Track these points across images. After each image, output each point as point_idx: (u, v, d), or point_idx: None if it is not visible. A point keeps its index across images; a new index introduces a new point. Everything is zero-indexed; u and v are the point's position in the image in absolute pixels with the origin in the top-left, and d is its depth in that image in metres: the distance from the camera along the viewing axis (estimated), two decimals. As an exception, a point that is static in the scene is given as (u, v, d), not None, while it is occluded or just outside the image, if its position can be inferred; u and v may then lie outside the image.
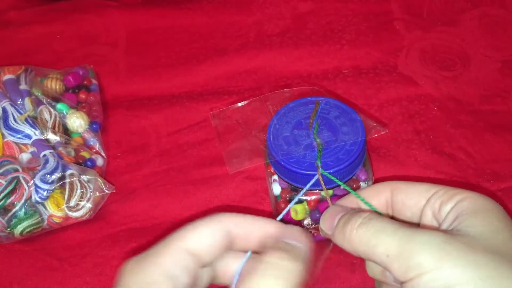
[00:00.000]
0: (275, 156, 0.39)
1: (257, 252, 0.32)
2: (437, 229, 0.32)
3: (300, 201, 0.41)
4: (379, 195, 0.35)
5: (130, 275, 0.30)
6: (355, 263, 0.43)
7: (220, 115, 0.44)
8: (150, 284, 0.29)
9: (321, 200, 0.40)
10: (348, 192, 0.37)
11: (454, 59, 0.56)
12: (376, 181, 0.47)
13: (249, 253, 0.32)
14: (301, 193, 0.37)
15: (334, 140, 0.39)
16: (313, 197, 0.40)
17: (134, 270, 0.31)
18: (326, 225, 0.34)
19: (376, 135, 0.41)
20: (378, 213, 0.35)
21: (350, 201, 0.36)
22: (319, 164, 0.37)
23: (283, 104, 0.43)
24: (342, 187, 0.40)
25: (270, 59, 0.58)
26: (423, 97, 0.53)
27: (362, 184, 0.42)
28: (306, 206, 0.41)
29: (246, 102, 0.44)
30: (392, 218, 0.36)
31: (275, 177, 0.42)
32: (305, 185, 0.38)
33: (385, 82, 0.55)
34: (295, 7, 0.63)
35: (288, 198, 0.41)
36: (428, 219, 0.33)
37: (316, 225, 0.42)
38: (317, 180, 0.37)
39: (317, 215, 0.41)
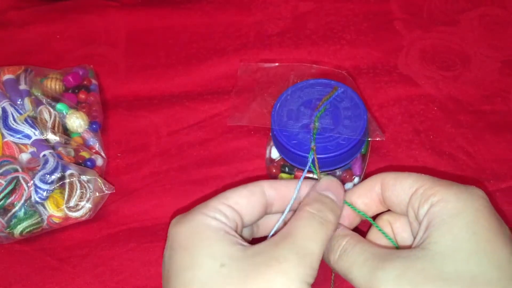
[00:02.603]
0: (272, 124, 0.40)
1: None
2: (409, 247, 0.33)
3: (289, 173, 0.42)
4: (370, 192, 0.36)
5: (177, 225, 0.33)
6: (355, 263, 0.43)
7: (248, 69, 0.46)
8: (196, 227, 0.32)
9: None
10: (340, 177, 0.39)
11: (454, 59, 0.56)
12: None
13: (288, 206, 0.35)
14: (305, 171, 0.38)
15: (332, 129, 0.39)
16: (301, 173, 0.41)
17: (180, 221, 0.33)
18: None
19: (372, 139, 0.42)
20: (369, 219, 0.37)
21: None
22: (314, 147, 0.38)
23: (305, 78, 0.44)
24: (336, 175, 0.41)
25: (270, 59, 0.58)
26: (423, 97, 0.53)
27: (355, 178, 0.42)
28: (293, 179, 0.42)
29: (275, 64, 0.46)
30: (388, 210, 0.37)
31: None
32: (292, 161, 0.40)
33: (385, 82, 0.55)
34: (295, 7, 0.63)
35: (280, 165, 0.43)
36: (412, 219, 0.34)
37: None
38: (311, 161, 0.38)
39: None
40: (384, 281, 0.29)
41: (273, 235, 0.35)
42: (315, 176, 0.40)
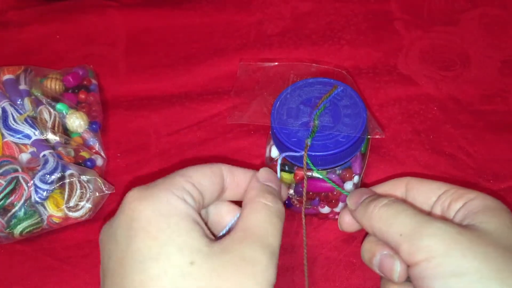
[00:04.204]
0: (272, 122, 0.41)
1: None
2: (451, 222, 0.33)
3: (290, 172, 0.42)
4: (395, 190, 0.38)
5: (140, 200, 0.31)
6: (355, 263, 0.43)
7: (248, 68, 0.46)
8: (164, 209, 0.30)
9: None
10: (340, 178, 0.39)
11: (454, 59, 0.56)
12: (376, 182, 0.47)
13: (238, 214, 0.35)
14: (282, 155, 0.39)
15: (331, 127, 0.40)
16: (302, 172, 0.41)
17: (143, 196, 0.31)
18: (352, 201, 0.36)
19: (371, 136, 0.42)
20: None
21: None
22: (309, 143, 0.38)
23: (304, 77, 0.44)
24: (337, 173, 0.41)
25: (270, 59, 0.58)
26: (423, 97, 0.53)
27: (355, 176, 0.42)
28: (293, 178, 0.42)
29: (275, 63, 0.46)
30: None
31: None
32: (291, 159, 0.40)
33: (384, 82, 0.55)
34: (295, 7, 0.63)
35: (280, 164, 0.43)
36: (437, 217, 0.34)
37: (298, 197, 0.43)
38: (307, 158, 0.38)
39: (300, 189, 0.42)
40: (441, 230, 0.30)
41: (227, 232, 0.34)
42: (315, 174, 0.40)
